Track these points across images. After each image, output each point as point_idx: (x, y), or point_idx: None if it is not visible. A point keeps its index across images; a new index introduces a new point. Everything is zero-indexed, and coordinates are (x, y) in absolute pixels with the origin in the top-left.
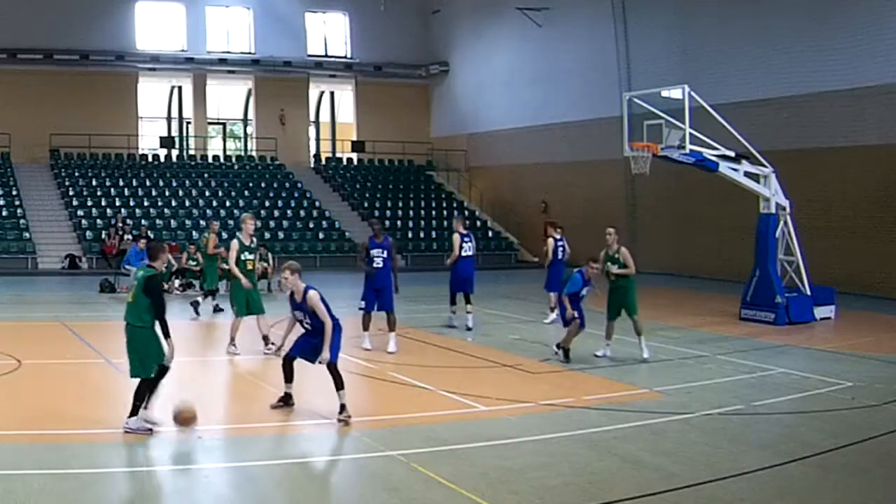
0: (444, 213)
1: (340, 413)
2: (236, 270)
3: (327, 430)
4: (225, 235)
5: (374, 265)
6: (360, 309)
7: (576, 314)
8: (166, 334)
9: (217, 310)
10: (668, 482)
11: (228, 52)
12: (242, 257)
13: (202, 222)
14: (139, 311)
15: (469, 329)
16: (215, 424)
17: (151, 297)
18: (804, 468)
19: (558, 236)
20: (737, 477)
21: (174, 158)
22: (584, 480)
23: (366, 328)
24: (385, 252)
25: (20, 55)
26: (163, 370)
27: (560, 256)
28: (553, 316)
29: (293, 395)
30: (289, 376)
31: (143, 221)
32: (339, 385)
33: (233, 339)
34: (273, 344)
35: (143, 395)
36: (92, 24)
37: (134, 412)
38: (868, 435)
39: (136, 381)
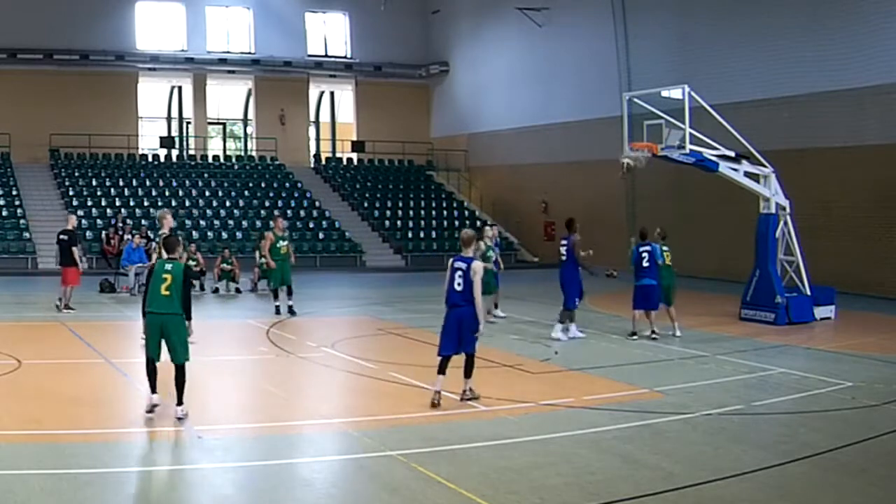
0: (444, 213)
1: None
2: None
3: (327, 430)
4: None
5: (561, 258)
6: None
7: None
8: (190, 317)
9: (291, 312)
10: (668, 482)
11: (228, 52)
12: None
13: (202, 222)
14: (178, 300)
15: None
16: (215, 424)
17: (188, 285)
18: (804, 468)
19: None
20: (737, 477)
21: (174, 158)
22: (584, 480)
23: (571, 320)
24: (566, 248)
25: (20, 55)
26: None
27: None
28: None
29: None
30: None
31: (143, 221)
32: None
33: None
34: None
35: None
36: (92, 24)
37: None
38: (868, 435)
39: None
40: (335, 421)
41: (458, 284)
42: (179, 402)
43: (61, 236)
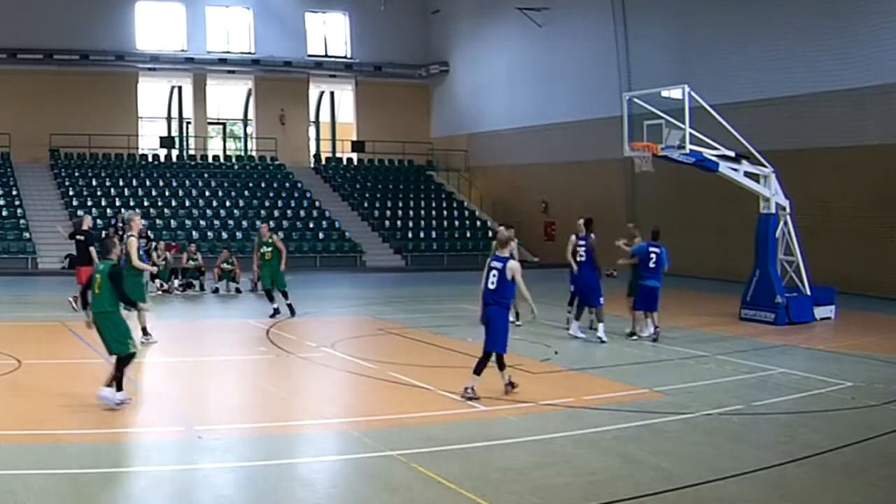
0: (444, 213)
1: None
2: (142, 264)
3: (327, 430)
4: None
5: (578, 258)
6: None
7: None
8: (135, 306)
9: (291, 311)
10: (668, 482)
11: (228, 52)
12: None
13: (202, 222)
14: (107, 298)
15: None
16: (215, 424)
17: (117, 282)
18: (804, 468)
19: None
20: (737, 477)
21: (174, 158)
22: (584, 480)
23: (576, 318)
24: (584, 247)
25: (20, 55)
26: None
27: None
28: None
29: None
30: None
31: (143, 222)
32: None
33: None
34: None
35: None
36: (92, 24)
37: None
38: (868, 435)
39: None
40: (335, 421)
41: (492, 283)
42: (108, 385)
43: (77, 237)
